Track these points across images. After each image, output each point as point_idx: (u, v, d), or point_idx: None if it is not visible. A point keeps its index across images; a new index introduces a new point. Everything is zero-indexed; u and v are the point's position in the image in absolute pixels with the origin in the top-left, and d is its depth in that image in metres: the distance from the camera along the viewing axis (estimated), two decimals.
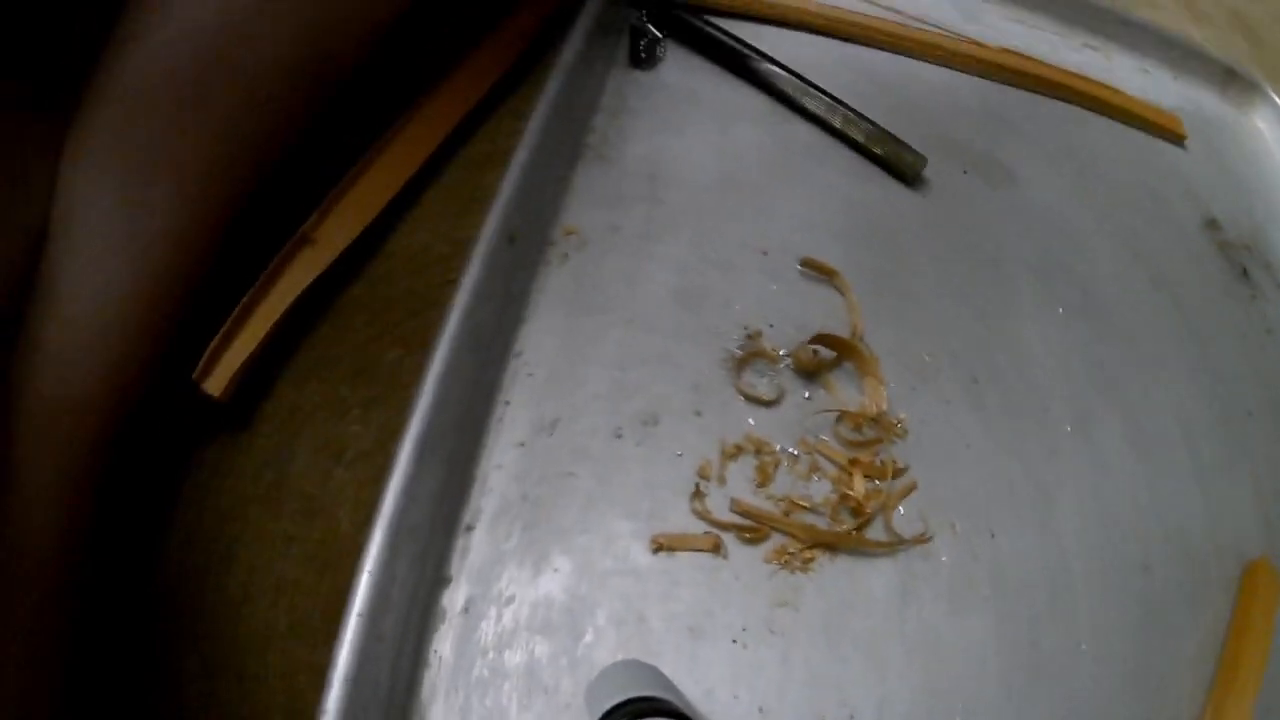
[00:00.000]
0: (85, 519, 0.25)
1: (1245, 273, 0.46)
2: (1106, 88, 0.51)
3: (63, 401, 0.25)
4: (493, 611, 0.28)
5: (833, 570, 0.30)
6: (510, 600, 0.28)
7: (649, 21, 0.43)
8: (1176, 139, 0.51)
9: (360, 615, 0.25)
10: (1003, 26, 0.54)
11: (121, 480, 0.27)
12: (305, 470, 0.30)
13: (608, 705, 0.23)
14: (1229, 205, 0.49)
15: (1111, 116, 0.51)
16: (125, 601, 0.27)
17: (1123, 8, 0.58)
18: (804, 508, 0.31)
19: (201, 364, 0.29)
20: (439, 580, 0.28)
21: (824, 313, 0.36)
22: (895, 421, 0.34)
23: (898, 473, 0.32)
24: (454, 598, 0.28)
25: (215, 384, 0.29)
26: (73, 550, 0.25)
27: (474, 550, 0.29)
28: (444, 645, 0.27)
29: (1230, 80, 0.57)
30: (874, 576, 0.30)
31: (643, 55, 0.42)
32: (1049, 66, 0.51)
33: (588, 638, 0.28)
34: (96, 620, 0.26)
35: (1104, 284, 0.42)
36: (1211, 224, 0.48)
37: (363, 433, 0.31)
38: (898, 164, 0.42)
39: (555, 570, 0.29)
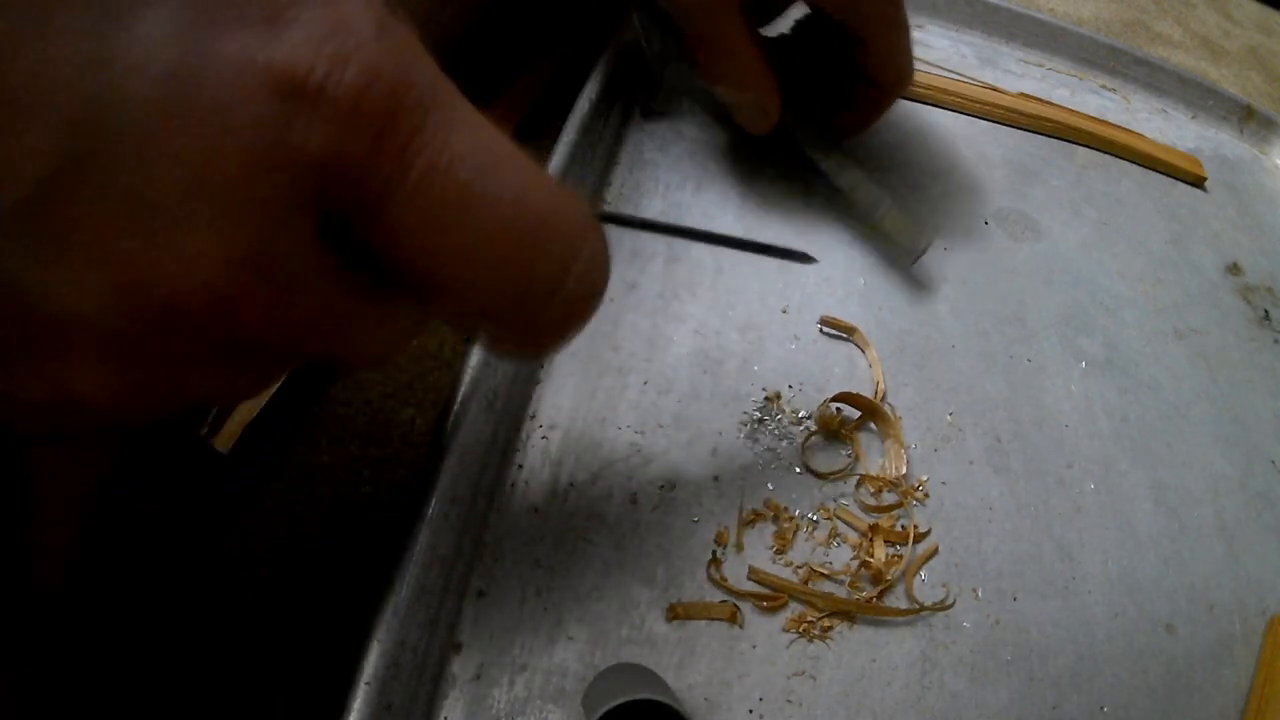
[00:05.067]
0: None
1: (1267, 316, 0.45)
2: (1126, 132, 0.51)
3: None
4: (505, 679, 0.27)
5: (852, 639, 0.30)
6: (523, 668, 0.28)
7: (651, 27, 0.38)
8: (1196, 181, 0.51)
9: (368, 683, 0.25)
10: (1021, 69, 0.54)
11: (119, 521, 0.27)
12: (316, 529, 0.30)
13: (605, 707, 0.23)
14: (1250, 247, 0.49)
15: (1132, 161, 0.50)
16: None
17: (1140, 47, 0.58)
18: (823, 575, 0.30)
19: (210, 420, 0.29)
20: (450, 647, 0.28)
21: (845, 373, 0.36)
22: (916, 485, 0.33)
23: (919, 538, 0.32)
24: (465, 665, 0.27)
25: (224, 440, 0.29)
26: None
27: (486, 617, 0.28)
28: (455, 713, 0.27)
29: (1248, 118, 0.57)
30: (894, 645, 0.30)
31: (654, 93, 0.41)
32: (1068, 111, 0.50)
33: None
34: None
35: (1127, 335, 0.41)
36: (1233, 268, 0.47)
37: (374, 494, 0.30)
38: (897, 243, 0.39)
39: (569, 638, 0.28)
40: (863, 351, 0.37)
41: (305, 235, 0.16)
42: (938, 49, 0.53)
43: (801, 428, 0.34)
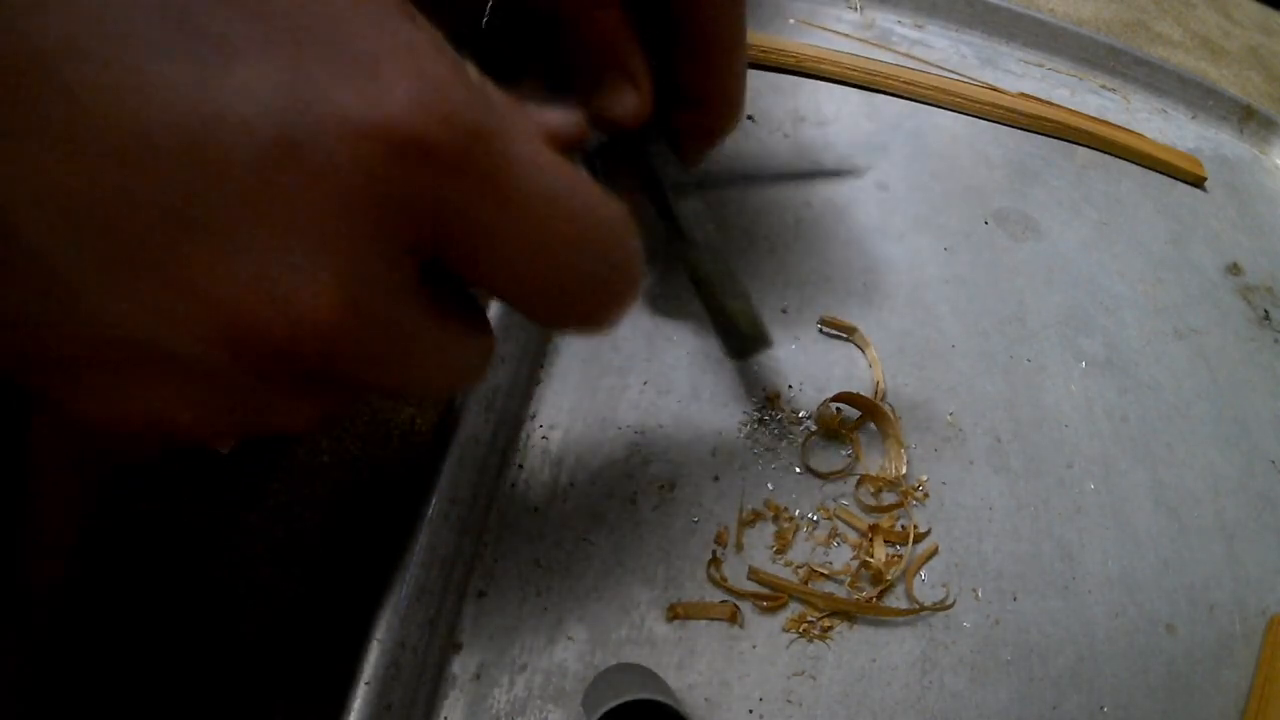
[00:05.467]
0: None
1: (1267, 316, 0.45)
2: (1127, 132, 0.51)
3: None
4: (505, 679, 0.27)
5: (852, 639, 0.30)
6: (523, 668, 0.28)
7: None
8: (1196, 181, 0.51)
9: (368, 683, 0.25)
10: (1021, 70, 0.54)
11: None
12: (316, 529, 0.30)
13: (605, 707, 0.23)
14: (1250, 247, 0.49)
15: (1132, 161, 0.50)
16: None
17: (1140, 47, 0.58)
18: (823, 575, 0.30)
19: None
20: (450, 647, 0.28)
21: (845, 373, 0.36)
22: (916, 485, 0.33)
23: (919, 538, 0.32)
24: (465, 664, 0.27)
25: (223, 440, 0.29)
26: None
27: (486, 616, 0.28)
28: (454, 713, 0.27)
29: (1248, 118, 0.57)
30: (894, 645, 0.30)
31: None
32: (1068, 111, 0.50)
33: None
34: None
35: (1127, 335, 0.41)
36: (1233, 268, 0.47)
37: (374, 494, 0.30)
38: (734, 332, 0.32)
39: (569, 638, 0.28)
40: (863, 351, 0.37)
41: (405, 276, 0.17)
42: (938, 49, 0.53)
43: (801, 428, 0.34)
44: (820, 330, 0.37)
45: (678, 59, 0.27)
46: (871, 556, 0.31)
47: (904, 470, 0.33)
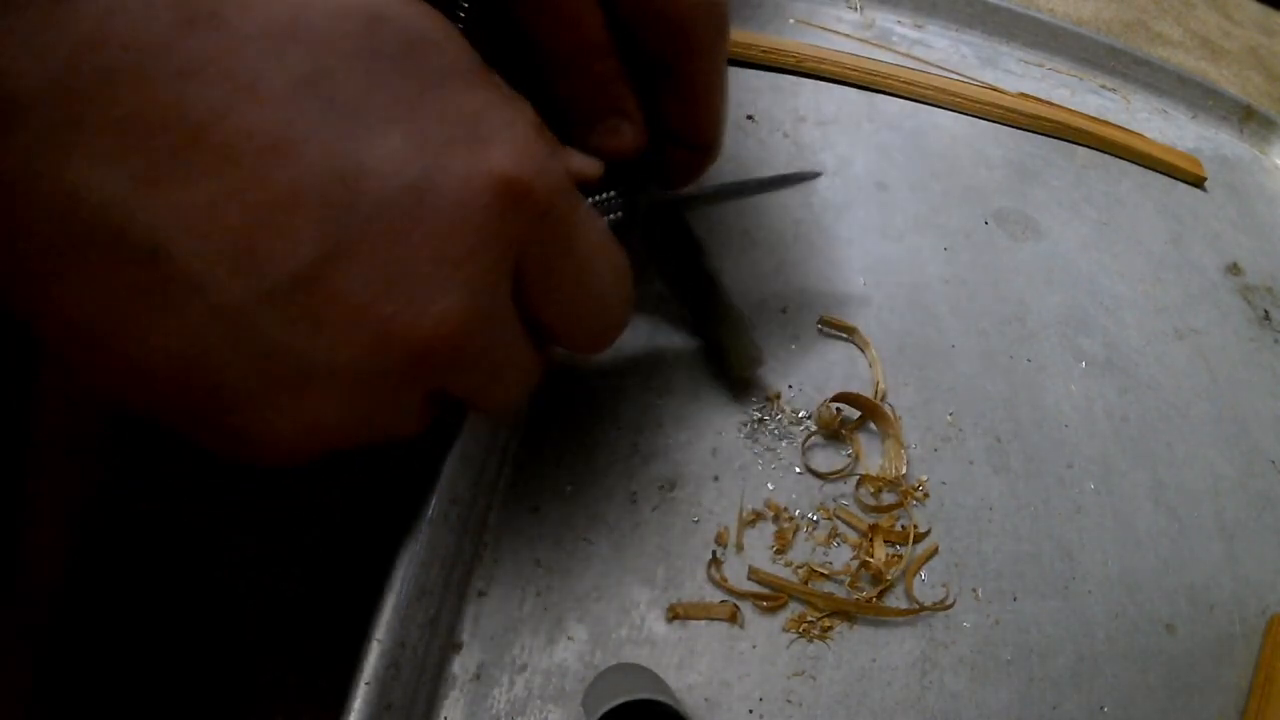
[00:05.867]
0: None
1: (1267, 316, 0.45)
2: (1127, 132, 0.51)
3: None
4: (505, 679, 0.27)
5: (852, 639, 0.30)
6: (523, 668, 0.28)
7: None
8: (1196, 181, 0.51)
9: (369, 683, 0.25)
10: (1021, 69, 0.54)
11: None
12: (315, 530, 0.30)
13: (605, 707, 0.23)
14: (1250, 247, 0.49)
15: (1132, 161, 0.50)
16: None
17: (1140, 47, 0.58)
18: (823, 575, 0.30)
19: None
20: (450, 646, 0.28)
21: (845, 373, 0.36)
22: (916, 485, 0.33)
23: (919, 538, 0.32)
24: (465, 664, 0.27)
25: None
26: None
27: (486, 616, 0.28)
28: (455, 712, 0.27)
29: (1248, 118, 0.57)
30: (894, 645, 0.30)
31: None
32: (1068, 111, 0.50)
33: None
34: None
35: (1127, 335, 0.41)
36: (1233, 268, 0.47)
37: (374, 494, 0.30)
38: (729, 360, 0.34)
39: (569, 638, 0.28)
40: (863, 351, 0.37)
41: (505, 295, 0.21)
42: (938, 49, 0.53)
43: (801, 428, 0.34)
44: (820, 330, 0.37)
45: (666, 101, 0.29)
46: (871, 556, 0.31)
47: (904, 470, 0.33)
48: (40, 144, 0.15)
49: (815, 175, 0.36)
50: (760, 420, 0.34)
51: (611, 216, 0.28)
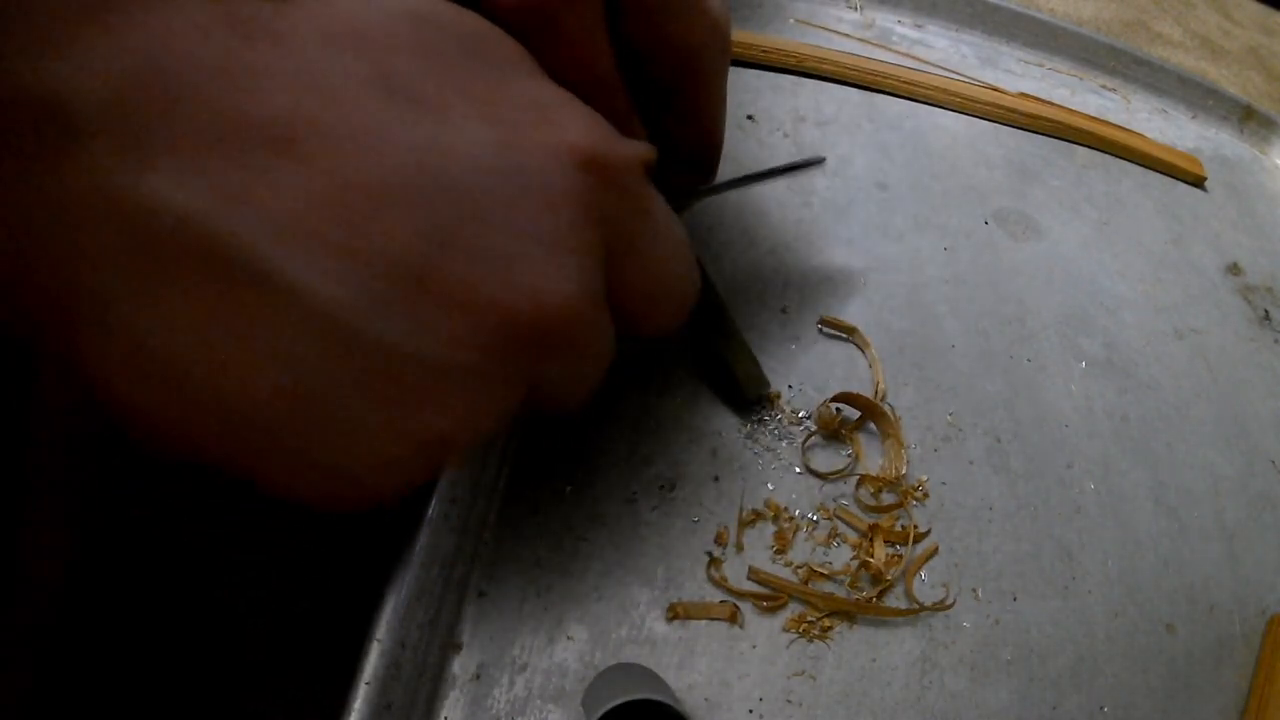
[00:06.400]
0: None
1: (1268, 316, 0.45)
2: (1127, 132, 0.51)
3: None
4: (505, 679, 0.27)
5: (852, 639, 0.30)
6: (523, 668, 0.28)
7: None
8: (1197, 181, 0.51)
9: (368, 683, 0.25)
10: (1021, 69, 0.54)
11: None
12: (316, 529, 0.30)
13: (605, 707, 0.23)
14: (1250, 247, 0.49)
15: (1132, 161, 0.50)
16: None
17: (1140, 47, 0.58)
18: (823, 575, 0.30)
19: None
20: (450, 646, 0.28)
21: (845, 373, 0.36)
22: (916, 485, 0.33)
23: (919, 538, 0.32)
24: (465, 664, 0.27)
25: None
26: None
27: (486, 616, 0.28)
28: (454, 713, 0.27)
29: (1248, 118, 0.57)
30: (894, 645, 0.30)
31: None
32: (1068, 111, 0.50)
33: None
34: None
35: (1127, 335, 0.41)
36: (1233, 268, 0.47)
37: None
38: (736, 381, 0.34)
39: (569, 638, 0.28)
40: (863, 351, 0.37)
41: (600, 267, 0.20)
42: (938, 49, 0.53)
43: (801, 428, 0.34)
44: (820, 330, 0.37)
45: (670, 124, 0.29)
46: (871, 556, 0.31)
47: (904, 470, 0.33)
48: (108, 161, 0.14)
49: (820, 160, 0.36)
50: (760, 420, 0.34)
51: None
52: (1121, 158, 0.50)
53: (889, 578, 0.30)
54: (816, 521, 0.32)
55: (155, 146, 0.14)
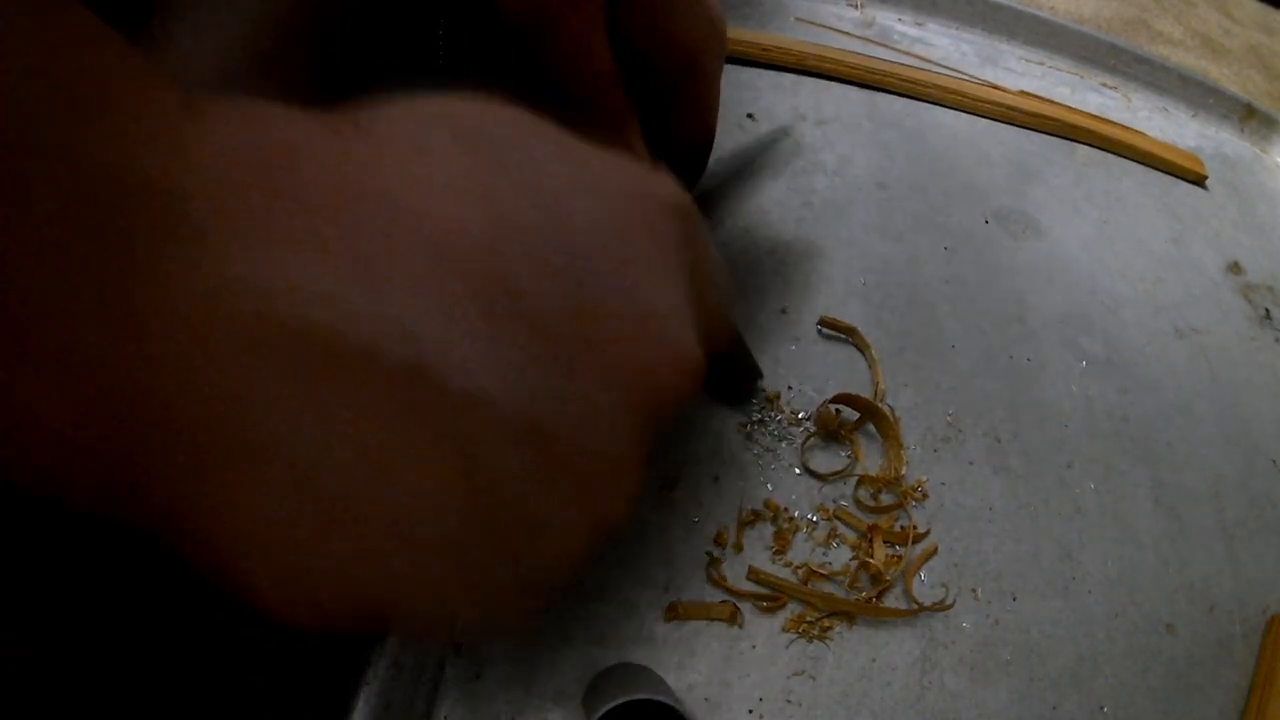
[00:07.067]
0: None
1: (1268, 315, 0.45)
2: (1127, 130, 0.51)
3: None
4: (505, 679, 0.27)
5: (852, 639, 0.30)
6: (523, 668, 0.28)
7: None
8: (1197, 179, 0.51)
9: (368, 683, 0.25)
10: (1021, 68, 0.54)
11: None
12: None
13: (605, 707, 0.23)
14: (1250, 246, 0.49)
15: (1132, 159, 0.50)
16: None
17: (1140, 45, 0.58)
18: (822, 575, 0.30)
19: None
20: (450, 647, 0.28)
21: (844, 373, 0.36)
22: (916, 485, 0.33)
23: (918, 538, 0.32)
24: (465, 664, 0.27)
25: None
26: None
27: None
28: (454, 713, 0.27)
29: (1249, 117, 0.57)
30: (894, 645, 0.30)
31: None
32: (1069, 109, 0.50)
33: None
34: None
35: (1128, 335, 0.41)
36: (1234, 267, 0.47)
37: None
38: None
39: (570, 638, 0.28)
40: (862, 352, 0.37)
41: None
42: (939, 47, 0.53)
43: (801, 428, 0.34)
44: (820, 330, 0.37)
45: (664, 120, 0.29)
46: (871, 557, 0.31)
47: (903, 471, 0.33)
48: (210, 245, 0.12)
49: (785, 134, 0.36)
50: (759, 421, 0.33)
51: None
52: (1122, 156, 0.50)
53: (888, 578, 0.30)
54: (816, 522, 0.32)
55: (272, 227, 0.13)
